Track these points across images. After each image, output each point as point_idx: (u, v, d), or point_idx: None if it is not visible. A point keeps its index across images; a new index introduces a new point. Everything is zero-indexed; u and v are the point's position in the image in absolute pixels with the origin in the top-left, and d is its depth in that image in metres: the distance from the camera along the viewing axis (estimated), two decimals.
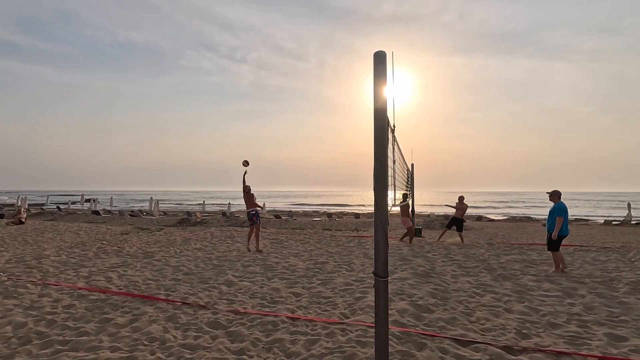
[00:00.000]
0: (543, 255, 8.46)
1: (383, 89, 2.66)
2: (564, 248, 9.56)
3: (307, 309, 4.42)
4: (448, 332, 3.67)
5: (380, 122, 2.66)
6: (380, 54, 2.71)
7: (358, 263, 7.36)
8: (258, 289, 5.34)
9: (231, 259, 7.77)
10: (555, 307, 4.56)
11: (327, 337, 3.53)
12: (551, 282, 5.85)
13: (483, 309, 4.45)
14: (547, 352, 3.23)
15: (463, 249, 9.36)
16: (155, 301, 4.67)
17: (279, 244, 9.97)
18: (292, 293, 5.15)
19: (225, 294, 5.08)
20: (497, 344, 3.37)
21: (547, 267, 7.06)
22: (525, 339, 3.56)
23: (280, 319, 3.99)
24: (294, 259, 7.75)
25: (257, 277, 6.08)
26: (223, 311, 4.29)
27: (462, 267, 7.00)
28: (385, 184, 2.64)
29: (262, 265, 7.06)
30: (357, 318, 4.05)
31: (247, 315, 4.15)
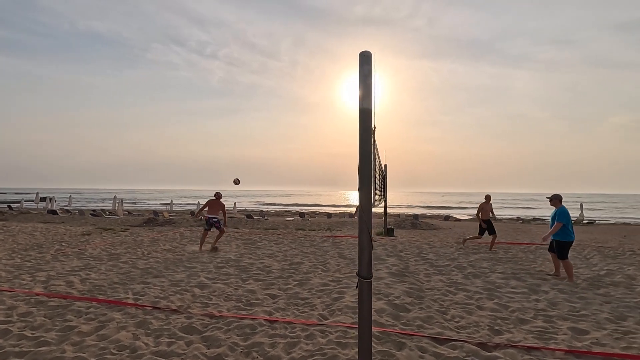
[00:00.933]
0: (508, 253, 8.86)
1: (369, 89, 2.65)
2: (527, 247, 10.08)
3: (284, 311, 4.35)
4: (426, 330, 3.73)
5: (366, 123, 2.65)
6: (366, 54, 2.69)
7: (333, 263, 7.36)
8: (233, 291, 5.20)
9: (203, 260, 7.52)
10: (522, 304, 4.77)
11: (307, 339, 3.49)
12: (517, 279, 6.13)
13: (457, 307, 4.57)
14: (519, 347, 3.36)
15: (434, 248, 9.62)
16: (123, 306, 4.41)
17: (252, 245, 9.79)
18: (269, 295, 5.06)
19: (198, 297, 4.90)
20: (472, 340, 3.47)
21: (512, 264, 7.39)
22: (498, 335, 3.69)
23: (258, 322, 3.89)
24: (269, 260, 7.63)
25: (231, 279, 5.92)
26: (197, 315, 4.12)
27: (434, 266, 7.18)
28: (369, 185, 2.63)
29: (236, 267, 6.89)
30: (336, 319, 4.03)
31: (223, 318, 4.02)
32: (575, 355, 3.22)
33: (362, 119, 2.65)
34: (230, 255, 8.07)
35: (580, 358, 3.16)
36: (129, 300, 4.69)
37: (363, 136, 2.64)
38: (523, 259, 8.12)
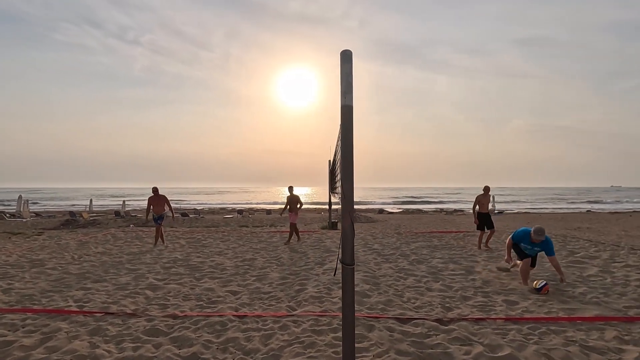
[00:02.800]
0: (442, 240, 9.80)
1: (351, 86, 2.79)
2: (456, 235, 11.21)
3: (251, 306, 4.33)
4: (389, 312, 4.04)
5: (347, 118, 2.79)
6: (347, 53, 2.83)
7: (286, 257, 7.43)
8: (189, 291, 4.99)
9: (147, 261, 7.03)
10: (462, 283, 5.38)
11: (281, 330, 3.55)
12: (455, 262, 6.85)
13: (410, 290, 5.00)
14: (469, 319, 3.83)
15: (377, 238, 10.22)
16: (67, 315, 3.98)
17: (197, 243, 9.38)
18: (229, 292, 4.96)
19: (153, 299, 4.62)
20: (431, 318, 3.85)
21: (447, 250, 8.22)
22: (449, 311, 4.15)
23: (227, 318, 3.83)
24: (219, 258, 7.41)
25: (184, 279, 5.66)
26: (159, 317, 3.91)
27: (381, 255, 7.66)
28: (351, 178, 2.79)
29: (186, 266, 6.58)
30: (306, 309, 4.15)
31: (189, 318, 3.87)
32: (512, 322, 3.78)
33: (344, 115, 2.79)
34: (177, 255, 7.66)
35: (517, 324, 3.72)
36: (73, 308, 4.24)
37: (345, 131, 2.78)
38: (455, 245, 9.05)
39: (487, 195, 8.60)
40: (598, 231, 12.60)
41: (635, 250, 8.07)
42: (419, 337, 3.37)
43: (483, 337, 3.36)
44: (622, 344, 3.19)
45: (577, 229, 13.21)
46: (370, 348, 3.15)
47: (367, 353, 3.07)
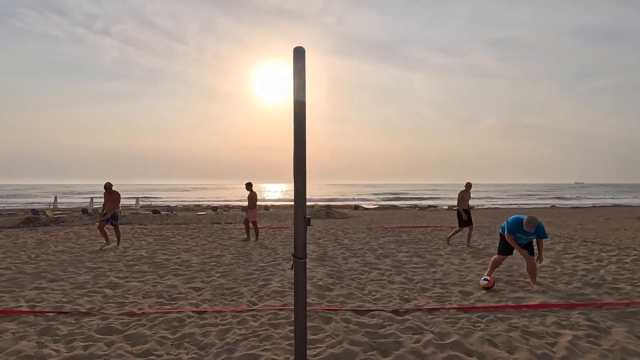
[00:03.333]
0: (411, 235, 10.06)
1: (303, 83, 2.83)
2: (425, 229, 11.52)
3: (212, 302, 4.32)
4: (348, 305, 4.14)
5: (300, 114, 2.83)
6: (300, 50, 2.87)
7: (255, 253, 7.42)
8: (151, 288, 4.91)
9: (109, 259, 6.84)
10: (423, 276, 5.57)
11: (239, 324, 3.56)
12: (419, 256, 7.06)
13: (372, 283, 5.12)
14: (423, 310, 3.98)
15: (348, 234, 10.35)
16: (16, 315, 3.83)
17: (165, 240, 9.20)
18: (192, 288, 4.92)
19: (111, 298, 4.51)
20: (387, 309, 3.98)
21: (413, 245, 8.44)
22: (407, 302, 4.29)
23: (186, 314, 3.81)
24: (186, 255, 7.31)
25: (147, 276, 5.56)
26: (114, 315, 3.83)
27: (350, 250, 7.79)
28: (304, 172, 2.84)
29: (150, 264, 6.45)
30: (266, 304, 4.18)
31: (146, 315, 3.82)
32: (464, 311, 3.96)
33: (297, 110, 2.83)
34: (142, 252, 7.49)
35: (467, 312, 3.91)
36: (23, 308, 4.08)
37: (298, 127, 2.82)
38: (422, 240, 9.32)
39: (469, 192, 8.51)
40: (557, 225, 13.29)
41: (587, 242, 8.59)
42: (374, 328, 3.48)
43: (434, 326, 3.51)
44: (559, 329, 3.42)
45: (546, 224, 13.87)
46: (324, 339, 3.22)
47: (321, 344, 3.14)
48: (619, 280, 5.12)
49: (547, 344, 3.12)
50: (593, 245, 8.17)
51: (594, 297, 4.39)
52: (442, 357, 2.89)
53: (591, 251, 7.38)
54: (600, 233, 10.58)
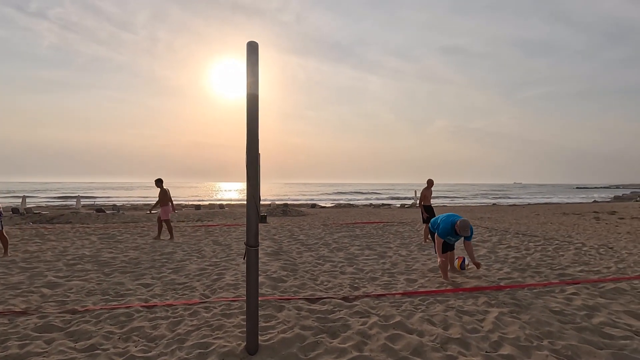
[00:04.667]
0: (364, 230, 10.44)
1: (256, 76, 2.91)
2: (377, 225, 12.01)
3: (162, 297, 4.24)
4: (300, 294, 4.28)
5: (253, 107, 2.91)
6: (253, 44, 2.95)
7: (209, 250, 7.32)
8: (95, 286, 4.70)
9: (47, 259, 6.38)
10: (373, 267, 5.87)
11: (191, 316, 3.56)
12: (370, 249, 7.40)
13: (325, 274, 5.32)
14: (371, 296, 4.23)
15: (304, 230, 10.52)
16: None
17: (110, 239, 8.72)
18: (141, 284, 4.78)
19: (50, 297, 4.26)
20: (337, 296, 4.17)
21: (366, 239, 8.80)
22: (356, 290, 4.53)
23: (135, 309, 3.72)
24: (134, 252, 7.02)
25: (90, 275, 5.29)
26: (54, 313, 3.64)
27: (305, 245, 7.94)
28: (256, 162, 2.92)
29: (94, 262, 6.12)
30: (219, 296, 4.19)
31: (90, 312, 3.67)
32: (408, 295, 4.27)
33: (250, 103, 2.90)
34: (84, 251, 7.07)
35: (411, 297, 4.22)
36: None
37: (250, 117, 2.90)
38: (374, 234, 9.73)
39: (430, 189, 8.68)
40: (496, 220, 14.49)
41: (519, 234, 9.51)
42: (324, 314, 3.65)
43: (380, 310, 3.76)
44: (488, 307, 3.82)
45: (480, 219, 15.02)
46: (276, 326, 3.33)
47: (273, 330, 3.24)
48: (541, 265, 5.78)
49: (477, 320, 3.49)
50: (524, 236, 9.06)
51: (519, 279, 4.93)
52: (386, 336, 3.12)
53: (521, 242, 8.19)
54: (531, 227, 11.74)
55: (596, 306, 3.82)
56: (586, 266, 5.74)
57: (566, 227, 11.79)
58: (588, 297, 4.10)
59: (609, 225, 11.95)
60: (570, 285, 4.57)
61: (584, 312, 3.65)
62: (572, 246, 7.57)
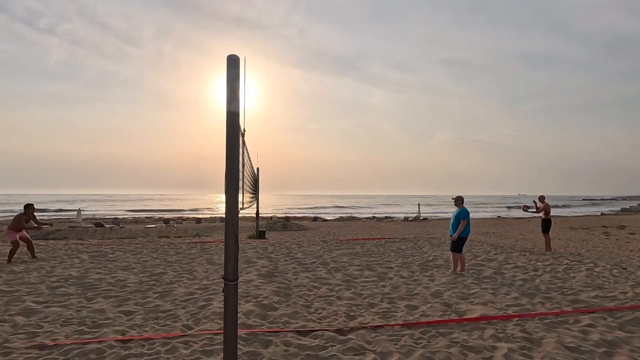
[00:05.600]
0: (364, 247, 10.10)
1: (236, 92, 2.67)
2: (378, 242, 11.65)
3: (142, 327, 3.93)
4: (291, 325, 3.95)
5: (233, 125, 2.66)
6: (234, 58, 2.71)
7: (201, 270, 7.01)
8: (74, 314, 4.39)
9: (31, 281, 6.09)
10: (372, 290, 5.52)
11: (168, 353, 3.24)
12: (370, 269, 7.05)
13: (320, 300, 4.98)
14: (368, 327, 3.89)
15: (302, 247, 10.18)
16: None
17: (102, 257, 8.43)
18: (122, 312, 4.47)
19: (22, 327, 3.96)
20: (331, 328, 3.84)
21: (366, 257, 8.46)
22: (352, 320, 4.19)
23: (107, 344, 3.41)
24: (123, 273, 6.72)
25: (71, 300, 4.98)
26: (20, 349, 3.33)
27: (302, 265, 7.61)
28: (236, 187, 2.65)
29: (79, 285, 5.83)
30: (202, 327, 3.87)
31: (59, 347, 3.36)
32: (408, 327, 3.93)
33: (230, 121, 2.66)
34: (72, 272, 6.77)
35: (412, 329, 3.88)
36: None
37: (230, 139, 2.65)
38: (375, 252, 9.37)
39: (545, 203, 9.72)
40: (501, 235, 14.08)
41: (525, 252, 9.12)
42: (315, 350, 3.32)
43: (377, 345, 3.42)
44: (496, 342, 3.48)
45: (485, 234, 14.62)
46: None
47: None
48: (552, 290, 5.41)
49: (483, 358, 3.15)
50: (531, 255, 8.67)
51: (528, 307, 4.57)
52: None
53: (529, 261, 7.81)
54: (538, 243, 11.32)
55: (615, 341, 3.46)
56: (600, 290, 5.36)
57: (575, 243, 11.37)
58: (606, 330, 3.75)
59: (619, 242, 11.52)
60: (585, 315, 4.22)
61: (602, 349, 3.30)
62: (584, 266, 7.19)
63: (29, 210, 8.31)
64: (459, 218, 6.68)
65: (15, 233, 8.04)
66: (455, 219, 6.77)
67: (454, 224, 6.79)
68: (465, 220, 6.62)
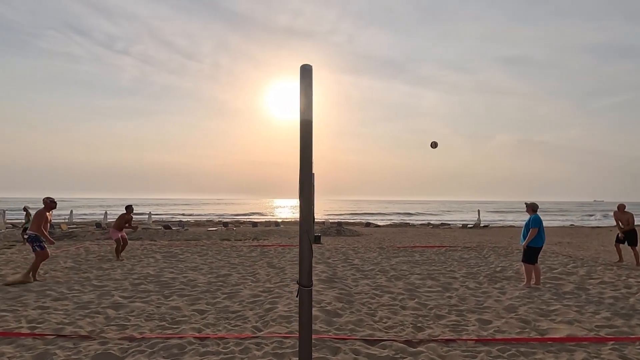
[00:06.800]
0: (424, 255, 9.73)
1: (310, 101, 2.72)
2: (438, 250, 11.16)
3: (215, 326, 4.14)
4: (357, 333, 3.90)
5: (307, 133, 2.71)
6: (307, 67, 2.77)
7: (263, 273, 7.24)
8: (154, 310, 4.77)
9: (116, 277, 6.75)
10: (438, 301, 5.28)
11: (242, 353, 3.37)
12: (432, 279, 6.77)
13: (384, 309, 4.87)
14: (438, 341, 3.71)
15: (359, 253, 10.09)
16: (15, 337, 3.73)
17: (173, 258, 9.10)
18: (196, 310, 4.76)
19: (113, 319, 4.38)
20: (399, 339, 3.73)
21: (427, 266, 8.14)
22: (420, 331, 4.03)
23: (187, 341, 3.64)
24: (193, 273, 7.18)
25: (151, 296, 5.42)
26: (114, 339, 3.69)
27: (360, 271, 7.53)
28: (310, 194, 2.69)
29: (156, 283, 6.33)
30: (271, 330, 3.98)
31: (146, 340, 3.66)
32: (482, 343, 3.68)
33: (304, 129, 2.71)
34: (149, 270, 7.39)
35: (487, 345, 3.63)
36: (23, 329, 3.98)
37: (304, 147, 2.70)
38: (436, 260, 8.99)
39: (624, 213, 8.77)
40: (578, 246, 12.73)
41: (612, 266, 8.13)
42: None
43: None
44: None
45: (558, 244, 13.32)
46: None
47: None
48: None
49: None
50: (619, 269, 7.72)
51: (625, 329, 4.05)
52: None
53: (618, 276, 6.95)
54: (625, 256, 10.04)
55: None
56: None
57: None
58: None
59: None
60: None
61: None
62: None
63: (128, 210, 9.23)
64: (529, 226, 6.24)
65: (117, 232, 9.00)
66: (527, 227, 6.33)
67: (525, 232, 6.36)
68: (536, 229, 6.16)
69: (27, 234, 6.67)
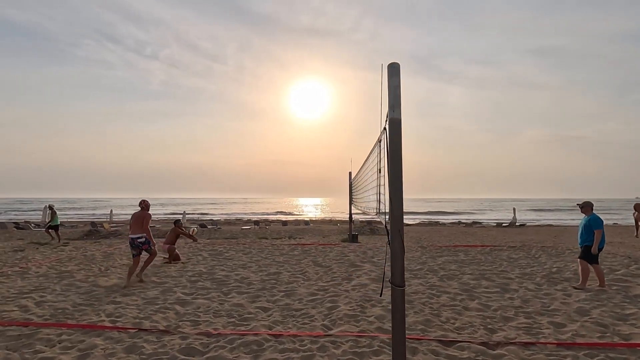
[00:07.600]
0: (469, 255, 9.49)
1: (399, 100, 2.71)
2: (483, 249, 10.85)
3: (284, 324, 4.21)
4: (430, 334, 3.85)
5: (395, 132, 2.70)
6: (395, 66, 2.76)
7: (312, 272, 7.30)
8: (219, 306, 4.91)
9: (172, 274, 7.01)
10: (500, 303, 5.13)
11: (321, 351, 3.41)
12: (486, 279, 6.58)
13: (446, 309, 4.79)
14: (517, 344, 3.61)
15: None
16: (101, 330, 3.94)
17: (219, 256, 9.34)
18: (260, 308, 4.86)
19: (183, 315, 4.55)
20: (476, 340, 3.65)
21: (476, 266, 7.93)
22: (494, 333, 3.93)
23: (263, 337, 3.72)
24: (244, 271, 7.34)
25: (211, 293, 5.59)
26: (192, 334, 3.83)
27: (408, 270, 7.44)
28: (400, 194, 2.68)
29: (211, 280, 6.52)
30: (342, 328, 4.00)
31: (223, 336, 3.78)
32: (565, 347, 3.54)
33: (392, 128, 2.70)
34: (201, 268, 7.62)
35: (571, 349, 3.49)
36: (106, 323, 4.20)
37: (393, 146, 2.69)
38: (483, 260, 8.74)
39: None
40: (631, 245, 12.02)
41: None
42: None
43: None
44: None
45: (609, 244, 12.63)
46: None
47: None
48: None
49: None
50: None
51: None
52: None
53: None
54: None
55: None
56: None
57: None
58: None
59: None
60: None
61: None
62: None
63: (178, 225, 9.14)
64: (589, 227, 5.94)
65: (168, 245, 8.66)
66: (585, 228, 6.02)
67: (582, 233, 6.07)
68: (601, 230, 5.88)
69: (142, 237, 6.42)
